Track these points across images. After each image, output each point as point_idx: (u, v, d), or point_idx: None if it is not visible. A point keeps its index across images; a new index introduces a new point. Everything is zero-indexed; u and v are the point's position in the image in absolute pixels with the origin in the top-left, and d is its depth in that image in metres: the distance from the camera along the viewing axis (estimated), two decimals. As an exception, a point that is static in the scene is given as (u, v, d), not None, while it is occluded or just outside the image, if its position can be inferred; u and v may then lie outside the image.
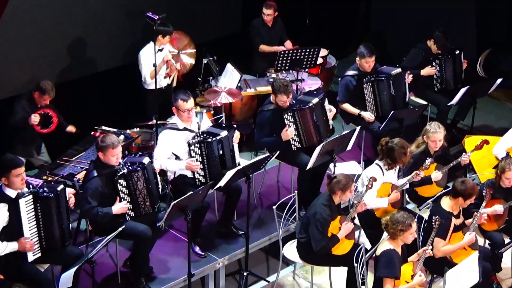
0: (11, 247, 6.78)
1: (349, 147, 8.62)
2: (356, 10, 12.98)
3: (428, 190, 8.42)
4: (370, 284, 7.47)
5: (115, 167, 7.37)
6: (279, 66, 9.96)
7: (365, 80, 9.41)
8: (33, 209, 6.88)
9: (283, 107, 8.49)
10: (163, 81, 9.72)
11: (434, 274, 7.95)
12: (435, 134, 8.37)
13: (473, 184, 7.56)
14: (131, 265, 7.74)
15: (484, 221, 7.83)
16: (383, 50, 12.23)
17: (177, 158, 8.01)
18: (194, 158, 7.93)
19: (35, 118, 8.46)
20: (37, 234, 6.92)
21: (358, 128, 8.64)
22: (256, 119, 8.75)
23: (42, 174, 8.09)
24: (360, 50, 9.39)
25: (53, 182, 7.69)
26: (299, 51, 9.93)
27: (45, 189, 6.95)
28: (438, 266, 7.56)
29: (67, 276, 6.77)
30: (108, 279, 7.79)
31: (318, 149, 8.09)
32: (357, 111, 9.44)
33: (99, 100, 9.98)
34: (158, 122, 9.02)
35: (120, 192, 7.38)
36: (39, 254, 6.96)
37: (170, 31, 9.41)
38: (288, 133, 8.43)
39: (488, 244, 8.13)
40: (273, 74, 10.18)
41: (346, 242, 7.61)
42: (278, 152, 8.16)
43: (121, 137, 8.33)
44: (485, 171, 8.78)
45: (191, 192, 7.17)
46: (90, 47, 10.02)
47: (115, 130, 8.75)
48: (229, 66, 9.89)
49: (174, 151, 8.01)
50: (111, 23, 10.16)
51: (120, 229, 7.03)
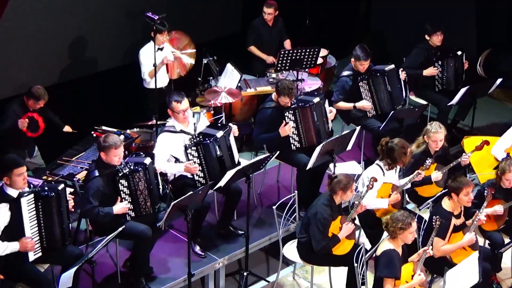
0: (12, 247, 6.78)
1: (349, 147, 8.62)
2: (356, 10, 12.98)
3: (428, 190, 8.42)
4: (370, 284, 7.47)
5: (117, 167, 7.37)
6: (279, 66, 9.96)
7: (360, 78, 9.41)
8: (34, 208, 6.87)
9: (284, 106, 8.51)
10: (164, 81, 9.72)
11: (434, 274, 7.95)
12: (436, 134, 8.37)
13: (463, 178, 7.54)
14: (131, 265, 7.74)
15: (483, 222, 7.83)
16: (383, 50, 12.25)
17: (177, 160, 8.01)
18: (192, 161, 7.92)
19: (24, 123, 8.43)
20: (38, 234, 6.91)
21: (358, 128, 8.64)
22: (257, 116, 8.74)
23: (42, 174, 8.09)
24: (356, 53, 9.35)
25: (53, 182, 7.70)
26: (299, 51, 9.93)
27: (46, 189, 6.95)
28: (438, 266, 7.56)
29: (67, 276, 6.77)
30: (108, 279, 7.79)
31: (318, 149, 8.09)
32: (351, 104, 9.41)
33: (99, 100, 9.98)
34: (158, 122, 9.03)
35: (121, 192, 7.37)
36: (40, 254, 6.96)
37: (164, 29, 9.37)
38: (286, 129, 8.41)
39: (488, 244, 8.12)
40: (273, 74, 10.19)
41: (346, 242, 7.61)
42: (278, 152, 8.16)
43: (121, 137, 8.30)
44: (485, 172, 8.78)
45: (191, 192, 7.17)
46: (90, 47, 10.03)
47: (115, 130, 8.75)
48: (229, 66, 9.89)
49: (173, 154, 8.00)
50: (111, 23, 10.16)
51: (120, 229, 7.03)
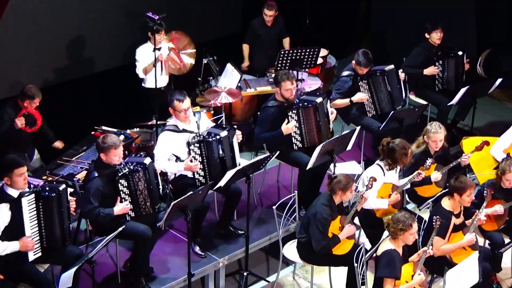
0: (12, 248, 6.78)
1: (349, 147, 8.62)
2: (356, 10, 12.99)
3: (428, 190, 8.42)
4: (370, 284, 7.46)
5: (116, 167, 7.36)
6: (279, 66, 9.96)
7: (360, 78, 9.41)
8: (35, 208, 6.87)
9: (288, 103, 8.46)
10: (163, 81, 9.71)
11: (434, 274, 7.95)
12: (436, 135, 8.36)
13: (466, 179, 7.54)
14: (131, 265, 7.73)
15: (483, 222, 7.82)
16: (383, 50, 12.26)
17: (178, 159, 8.00)
18: (192, 157, 7.91)
19: (21, 121, 8.38)
20: (38, 233, 6.91)
21: (358, 128, 8.64)
22: (259, 115, 8.71)
23: (42, 174, 8.08)
24: (358, 58, 9.32)
25: (54, 182, 7.69)
26: (299, 51, 9.93)
27: (47, 189, 6.95)
28: (438, 266, 7.55)
29: (67, 276, 6.77)
30: (108, 279, 7.78)
31: (318, 149, 8.08)
32: (348, 100, 9.39)
33: (99, 100, 9.98)
34: (158, 122, 9.03)
35: (121, 192, 7.37)
36: (40, 254, 6.96)
37: (160, 28, 9.33)
38: (289, 127, 8.41)
39: (488, 244, 8.12)
40: (273, 74, 10.17)
41: (346, 242, 7.60)
42: (278, 152, 8.16)
43: (121, 137, 8.31)
44: (484, 172, 8.78)
45: (191, 192, 7.17)
46: (90, 47, 10.03)
47: (115, 130, 8.75)
48: (229, 66, 9.89)
49: (175, 152, 8.00)
50: (111, 23, 10.16)
51: (120, 229, 7.03)
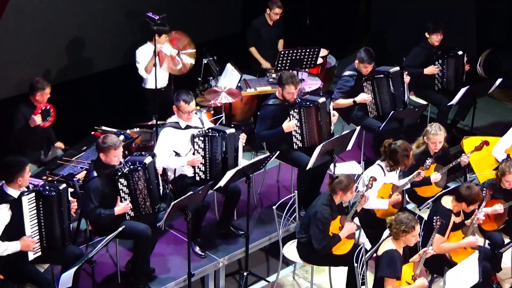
0: (13, 248, 6.78)
1: (349, 147, 8.62)
2: (356, 10, 12.99)
3: (428, 190, 8.41)
4: (370, 284, 7.46)
5: (116, 167, 7.36)
6: (279, 66, 9.96)
7: (365, 79, 9.41)
8: (35, 207, 6.87)
9: (289, 102, 8.46)
10: (163, 81, 9.71)
11: (434, 274, 7.95)
12: (436, 136, 8.36)
13: (478, 191, 7.55)
14: (132, 265, 7.73)
15: (481, 221, 7.83)
16: (383, 50, 12.24)
17: (179, 156, 8.01)
18: (195, 150, 7.91)
19: (38, 117, 8.37)
20: (38, 233, 6.91)
21: (358, 128, 8.64)
22: (259, 112, 8.71)
23: (42, 174, 8.08)
24: (361, 56, 9.34)
25: (55, 182, 7.68)
26: (299, 51, 9.93)
27: (48, 188, 6.95)
28: (438, 266, 7.55)
29: (67, 276, 6.76)
30: (108, 279, 7.78)
31: (318, 149, 8.08)
32: (351, 100, 9.38)
33: (99, 100, 9.97)
34: (158, 122, 9.02)
35: (121, 192, 7.37)
36: (39, 253, 6.96)
37: (166, 30, 9.38)
38: (290, 125, 8.41)
39: (488, 244, 8.12)
40: (273, 74, 10.18)
41: (347, 242, 7.61)
42: (278, 152, 8.16)
43: (121, 137, 8.31)
44: (484, 172, 8.78)
45: (191, 192, 7.17)
46: (90, 47, 10.02)
47: (115, 130, 8.74)
48: (229, 66, 9.89)
49: (176, 149, 8.00)
50: (111, 23, 10.16)
51: (120, 229, 7.03)
